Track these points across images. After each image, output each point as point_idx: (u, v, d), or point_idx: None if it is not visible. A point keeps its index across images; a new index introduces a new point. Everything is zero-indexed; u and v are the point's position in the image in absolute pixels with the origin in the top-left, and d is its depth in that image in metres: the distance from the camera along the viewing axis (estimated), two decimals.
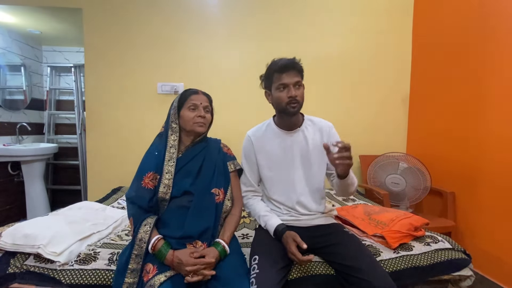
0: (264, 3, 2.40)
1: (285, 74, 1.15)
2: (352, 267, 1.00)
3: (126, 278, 0.97)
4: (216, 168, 1.17)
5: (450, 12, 2.10)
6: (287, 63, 1.15)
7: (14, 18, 2.46)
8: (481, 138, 1.83)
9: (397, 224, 1.30)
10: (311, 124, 1.26)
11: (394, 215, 1.38)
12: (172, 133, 1.13)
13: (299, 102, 1.16)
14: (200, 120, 1.13)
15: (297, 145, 1.23)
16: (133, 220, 1.06)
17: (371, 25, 2.46)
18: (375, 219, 1.40)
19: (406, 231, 1.27)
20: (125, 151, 2.36)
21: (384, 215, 1.41)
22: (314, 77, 2.46)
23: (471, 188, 1.90)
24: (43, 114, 3.07)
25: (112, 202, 1.92)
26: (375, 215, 1.43)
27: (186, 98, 1.15)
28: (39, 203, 2.70)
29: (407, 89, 2.53)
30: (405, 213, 1.42)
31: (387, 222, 1.34)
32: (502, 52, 1.71)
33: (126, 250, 1.05)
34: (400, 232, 1.26)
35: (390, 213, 1.44)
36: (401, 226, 1.29)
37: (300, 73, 1.18)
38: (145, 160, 1.14)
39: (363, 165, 2.40)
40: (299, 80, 1.16)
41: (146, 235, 1.00)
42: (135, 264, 0.99)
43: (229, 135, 2.06)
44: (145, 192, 1.08)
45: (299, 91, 1.16)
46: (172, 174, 1.10)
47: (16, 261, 1.12)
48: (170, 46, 2.37)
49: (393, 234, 1.25)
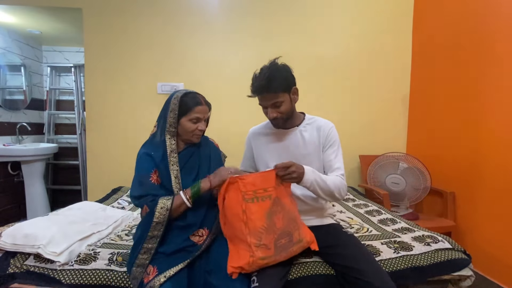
0: (264, 4, 2.40)
1: (260, 96, 1.16)
2: (352, 267, 0.99)
3: (145, 243, 1.00)
4: (211, 161, 1.21)
5: (450, 12, 2.10)
6: (258, 88, 1.13)
7: (14, 18, 2.46)
8: (481, 138, 1.83)
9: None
10: (310, 123, 1.26)
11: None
12: (170, 137, 1.12)
13: (280, 118, 1.18)
14: (199, 133, 1.14)
15: (293, 143, 1.23)
16: (148, 205, 1.04)
17: (371, 25, 2.46)
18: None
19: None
20: (125, 151, 2.36)
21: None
22: (314, 77, 2.47)
23: (471, 188, 1.90)
24: (43, 114, 3.07)
25: (112, 202, 1.92)
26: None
27: (190, 108, 1.10)
28: (39, 203, 2.70)
29: (407, 89, 2.53)
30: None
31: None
32: (502, 52, 1.71)
33: (139, 228, 1.07)
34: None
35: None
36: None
37: (277, 92, 1.12)
38: (143, 161, 1.11)
39: (363, 165, 2.40)
40: (276, 101, 1.13)
41: (168, 202, 1.02)
42: (156, 231, 1.01)
43: (229, 135, 2.07)
44: (156, 186, 1.07)
45: (280, 108, 1.15)
46: (178, 165, 1.11)
47: (16, 261, 1.12)
48: (170, 46, 2.37)
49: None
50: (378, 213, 1.73)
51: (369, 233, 1.42)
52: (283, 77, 1.13)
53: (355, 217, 1.68)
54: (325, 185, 1.09)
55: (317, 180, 1.08)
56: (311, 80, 2.45)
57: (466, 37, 1.95)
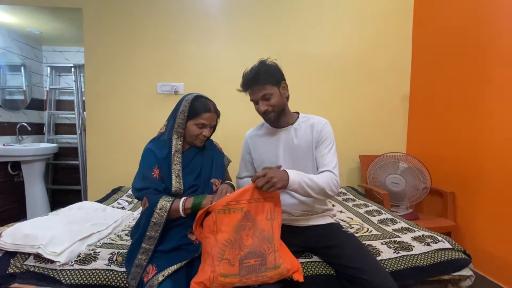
0: (265, 4, 2.39)
1: (250, 91, 1.18)
2: (352, 267, 0.99)
3: (143, 243, 1.01)
4: (213, 161, 1.24)
5: (450, 12, 2.10)
6: (246, 81, 1.17)
7: (14, 18, 2.46)
8: (481, 138, 1.83)
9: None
10: (304, 121, 1.26)
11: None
12: (177, 137, 1.14)
13: (272, 112, 1.18)
14: (203, 138, 1.16)
15: (286, 141, 1.24)
16: (148, 198, 1.04)
17: (371, 25, 2.46)
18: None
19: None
20: (125, 151, 2.36)
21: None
22: (314, 77, 2.47)
23: (471, 188, 1.90)
24: (43, 114, 3.07)
25: (112, 202, 1.92)
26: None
27: (198, 113, 1.12)
28: (39, 203, 2.70)
29: (407, 89, 2.53)
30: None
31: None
32: (502, 52, 1.71)
33: (138, 226, 1.08)
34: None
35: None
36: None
37: (265, 83, 1.14)
38: (147, 157, 1.14)
39: (363, 165, 2.40)
40: (266, 93, 1.15)
41: (168, 204, 1.02)
42: (153, 231, 1.02)
43: (229, 135, 2.06)
44: (158, 181, 1.09)
45: (270, 101, 1.16)
46: (181, 166, 1.13)
47: (16, 261, 1.12)
48: (170, 46, 2.37)
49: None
50: (378, 213, 1.73)
51: (369, 233, 1.42)
52: (271, 71, 1.16)
53: (355, 217, 1.68)
54: (313, 184, 1.06)
55: (305, 180, 1.05)
56: (311, 80, 2.45)
57: (466, 37, 1.95)
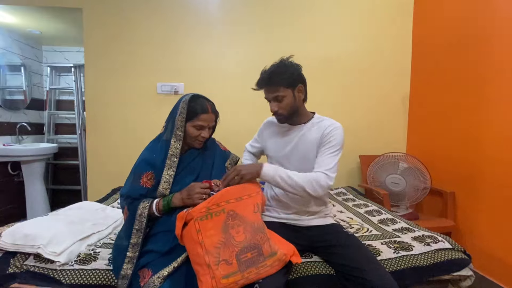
0: (265, 4, 2.39)
1: (264, 89, 1.20)
2: (352, 267, 0.99)
3: (128, 252, 1.02)
4: (214, 165, 1.22)
5: (450, 12, 2.10)
6: (259, 81, 1.19)
7: (14, 18, 2.46)
8: (481, 138, 1.83)
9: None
10: (317, 123, 1.25)
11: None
12: (176, 140, 1.12)
13: (281, 114, 1.19)
14: (202, 140, 1.15)
15: (295, 140, 1.24)
16: (128, 207, 1.08)
17: (371, 25, 2.46)
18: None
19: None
20: (125, 151, 2.36)
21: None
22: (314, 77, 2.46)
23: (471, 188, 1.90)
24: (43, 114, 3.07)
25: (112, 202, 1.92)
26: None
27: (196, 115, 1.11)
28: (39, 203, 2.70)
29: (407, 89, 2.53)
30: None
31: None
32: (502, 52, 1.71)
33: (121, 238, 1.09)
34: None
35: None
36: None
37: (279, 86, 1.15)
38: (140, 161, 1.13)
39: (363, 165, 2.40)
40: (278, 95, 1.16)
41: (145, 210, 1.04)
42: (136, 238, 1.04)
43: (228, 135, 2.06)
44: (142, 189, 1.09)
45: (282, 103, 1.17)
46: (174, 171, 1.11)
47: (16, 261, 1.12)
48: (170, 46, 2.37)
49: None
50: (378, 213, 1.73)
51: (369, 233, 1.42)
52: (288, 73, 1.16)
53: (355, 217, 1.68)
54: (290, 180, 1.07)
55: (280, 175, 1.08)
56: (311, 80, 2.42)
57: (466, 37, 1.95)
